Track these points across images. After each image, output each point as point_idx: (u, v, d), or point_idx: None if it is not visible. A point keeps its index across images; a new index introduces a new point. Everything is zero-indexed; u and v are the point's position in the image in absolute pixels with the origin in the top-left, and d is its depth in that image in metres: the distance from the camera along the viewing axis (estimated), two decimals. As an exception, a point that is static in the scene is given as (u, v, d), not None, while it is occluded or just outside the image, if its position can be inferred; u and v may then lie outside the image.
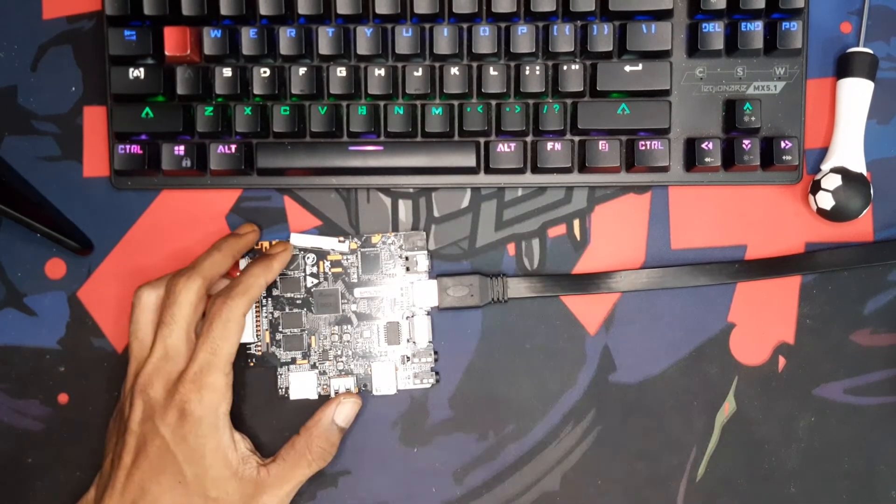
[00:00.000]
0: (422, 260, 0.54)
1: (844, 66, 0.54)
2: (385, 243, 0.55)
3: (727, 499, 0.55)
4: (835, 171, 0.53)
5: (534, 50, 0.53)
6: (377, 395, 0.54)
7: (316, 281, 0.54)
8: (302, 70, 0.53)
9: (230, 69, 0.53)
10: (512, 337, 0.55)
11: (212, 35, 0.53)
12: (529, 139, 0.54)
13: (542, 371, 0.55)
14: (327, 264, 0.55)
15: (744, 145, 0.53)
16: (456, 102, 0.54)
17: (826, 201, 0.53)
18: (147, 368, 0.49)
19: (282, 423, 0.55)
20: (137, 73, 0.53)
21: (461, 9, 0.53)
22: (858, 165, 0.54)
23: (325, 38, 0.53)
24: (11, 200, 0.53)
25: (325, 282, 0.55)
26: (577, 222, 0.56)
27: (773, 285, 0.55)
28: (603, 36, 0.53)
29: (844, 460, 0.54)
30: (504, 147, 0.53)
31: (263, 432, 0.55)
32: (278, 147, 0.54)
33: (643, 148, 0.53)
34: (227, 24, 0.53)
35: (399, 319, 0.55)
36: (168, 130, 0.53)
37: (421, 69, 0.53)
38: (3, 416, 0.55)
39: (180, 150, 0.53)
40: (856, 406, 0.55)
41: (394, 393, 0.54)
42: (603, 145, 0.53)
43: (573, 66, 0.53)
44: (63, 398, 0.55)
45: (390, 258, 0.55)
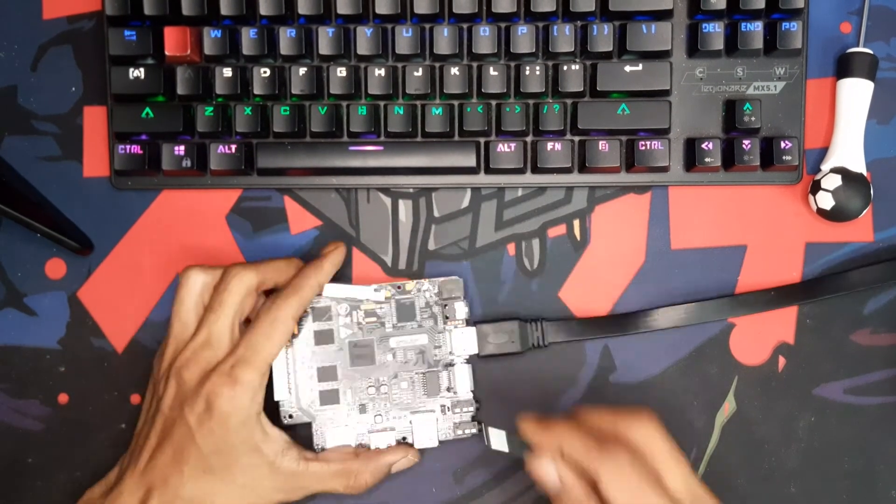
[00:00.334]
0: (460, 308, 0.53)
1: (844, 66, 0.54)
2: (420, 290, 0.53)
3: (727, 499, 0.54)
4: (835, 171, 0.53)
5: (534, 50, 0.53)
6: (418, 448, 0.53)
7: (350, 332, 0.53)
8: (302, 70, 0.53)
9: (230, 69, 0.53)
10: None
11: (212, 35, 0.53)
12: (529, 139, 0.54)
13: (543, 371, 0.55)
14: (361, 314, 0.53)
15: (744, 145, 0.53)
16: (456, 102, 0.54)
17: (826, 201, 0.53)
18: (187, 352, 0.49)
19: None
20: (137, 73, 0.53)
21: (461, 9, 0.53)
22: (858, 165, 0.54)
23: (326, 38, 0.53)
24: (11, 200, 0.53)
25: (360, 332, 0.53)
26: (577, 222, 0.55)
27: (772, 285, 0.55)
28: (603, 36, 0.53)
29: (844, 460, 0.54)
30: (504, 147, 0.53)
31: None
32: (278, 147, 0.54)
33: (643, 148, 0.53)
34: (228, 24, 0.53)
35: (438, 369, 0.53)
36: (168, 130, 0.53)
37: (421, 69, 0.53)
38: (3, 416, 0.55)
39: (180, 150, 0.53)
40: (856, 406, 0.55)
41: (435, 446, 0.53)
42: (603, 145, 0.53)
43: (573, 66, 0.53)
44: (63, 398, 0.55)
45: (426, 306, 0.53)
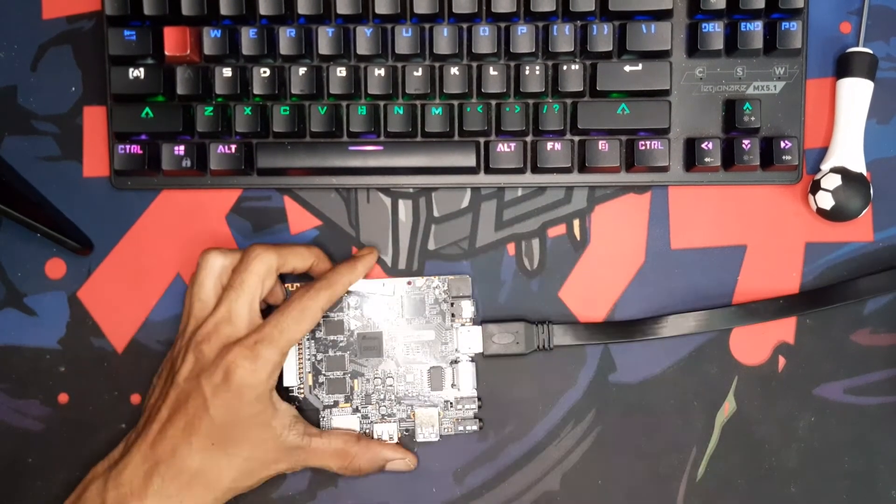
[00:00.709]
0: (467, 306, 0.54)
1: (844, 66, 0.54)
2: (430, 287, 0.54)
3: (727, 499, 0.55)
4: (834, 170, 0.53)
5: (534, 50, 0.53)
6: (420, 441, 0.54)
7: (359, 324, 0.54)
8: (302, 70, 0.53)
9: (230, 69, 0.53)
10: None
11: (212, 35, 0.53)
12: (529, 139, 0.54)
13: (544, 369, 0.55)
14: (371, 308, 0.54)
15: (743, 145, 0.53)
16: (456, 102, 0.54)
17: (826, 201, 0.53)
18: (207, 326, 0.49)
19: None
20: (137, 73, 0.53)
21: (461, 9, 0.53)
22: (858, 165, 0.54)
23: (325, 38, 0.53)
24: (11, 200, 0.53)
25: (369, 325, 0.54)
26: (577, 222, 0.55)
27: (772, 285, 0.55)
28: (603, 36, 0.53)
29: (844, 460, 0.54)
30: (504, 147, 0.53)
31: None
32: (278, 147, 0.54)
33: (643, 148, 0.53)
34: (227, 24, 0.53)
35: (443, 365, 0.54)
36: (168, 130, 0.53)
37: (421, 69, 0.53)
38: (3, 416, 0.55)
39: (180, 150, 0.53)
40: (856, 406, 0.55)
41: (436, 440, 0.54)
42: (603, 145, 0.53)
43: (573, 66, 0.53)
44: (63, 398, 0.55)
45: (435, 302, 0.54)
